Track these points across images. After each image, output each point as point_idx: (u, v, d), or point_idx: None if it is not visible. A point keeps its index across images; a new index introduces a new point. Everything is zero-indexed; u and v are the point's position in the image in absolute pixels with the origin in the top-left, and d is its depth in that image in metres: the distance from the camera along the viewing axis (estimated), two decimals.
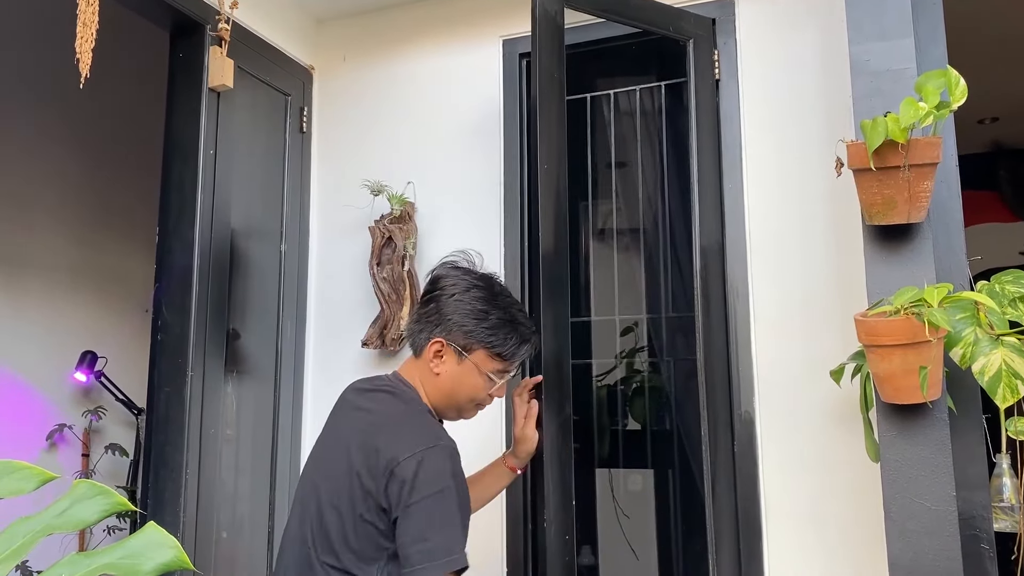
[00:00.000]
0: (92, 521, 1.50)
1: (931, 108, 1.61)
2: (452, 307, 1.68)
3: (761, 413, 2.28)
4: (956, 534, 1.70)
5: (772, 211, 2.36)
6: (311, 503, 1.66)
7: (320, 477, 1.68)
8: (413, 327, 1.76)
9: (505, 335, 1.71)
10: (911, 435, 1.73)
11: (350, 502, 1.58)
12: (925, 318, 1.58)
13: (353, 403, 1.77)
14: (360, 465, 1.58)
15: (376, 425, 1.66)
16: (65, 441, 3.94)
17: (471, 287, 1.71)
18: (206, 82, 2.45)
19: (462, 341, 1.68)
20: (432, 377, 1.71)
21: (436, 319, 1.70)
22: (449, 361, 1.69)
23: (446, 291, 1.71)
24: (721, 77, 2.46)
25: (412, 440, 1.57)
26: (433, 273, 1.79)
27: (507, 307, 1.73)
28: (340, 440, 1.68)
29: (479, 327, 1.69)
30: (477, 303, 1.69)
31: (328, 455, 1.69)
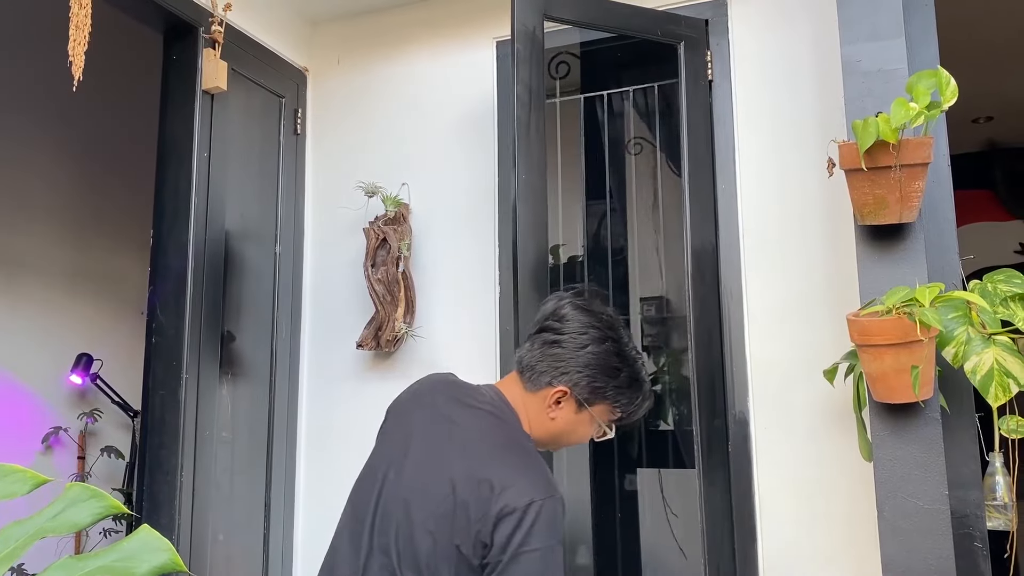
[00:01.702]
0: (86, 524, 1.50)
1: (922, 108, 1.62)
2: (584, 359, 1.60)
3: (755, 413, 2.28)
4: (949, 533, 1.70)
5: (766, 212, 2.37)
6: (397, 518, 1.56)
7: (412, 494, 1.56)
8: (532, 358, 1.64)
9: (632, 394, 1.65)
10: (904, 434, 1.74)
11: (450, 532, 1.50)
12: (917, 318, 1.59)
13: (448, 415, 1.64)
14: (468, 496, 1.50)
15: (487, 456, 1.56)
16: (61, 444, 3.93)
17: (604, 339, 1.62)
18: (200, 84, 2.45)
19: (587, 395, 1.61)
20: (546, 419, 1.64)
21: (563, 367, 1.60)
22: (567, 409, 1.63)
23: (575, 338, 1.61)
24: (714, 78, 2.46)
25: (532, 486, 1.50)
26: (554, 307, 1.67)
27: (634, 362, 1.66)
28: (440, 461, 1.57)
29: (609, 384, 1.62)
30: (611, 359, 1.62)
31: (424, 475, 1.57)
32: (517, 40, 2.22)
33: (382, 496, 1.59)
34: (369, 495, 1.62)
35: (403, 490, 1.57)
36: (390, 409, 1.77)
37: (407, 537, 1.53)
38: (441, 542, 1.50)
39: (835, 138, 1.79)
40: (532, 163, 2.19)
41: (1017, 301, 1.72)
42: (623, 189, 2.75)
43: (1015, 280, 1.83)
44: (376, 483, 1.62)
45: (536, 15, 2.26)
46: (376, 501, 1.59)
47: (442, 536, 1.50)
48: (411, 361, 2.70)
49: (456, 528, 1.49)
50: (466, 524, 1.48)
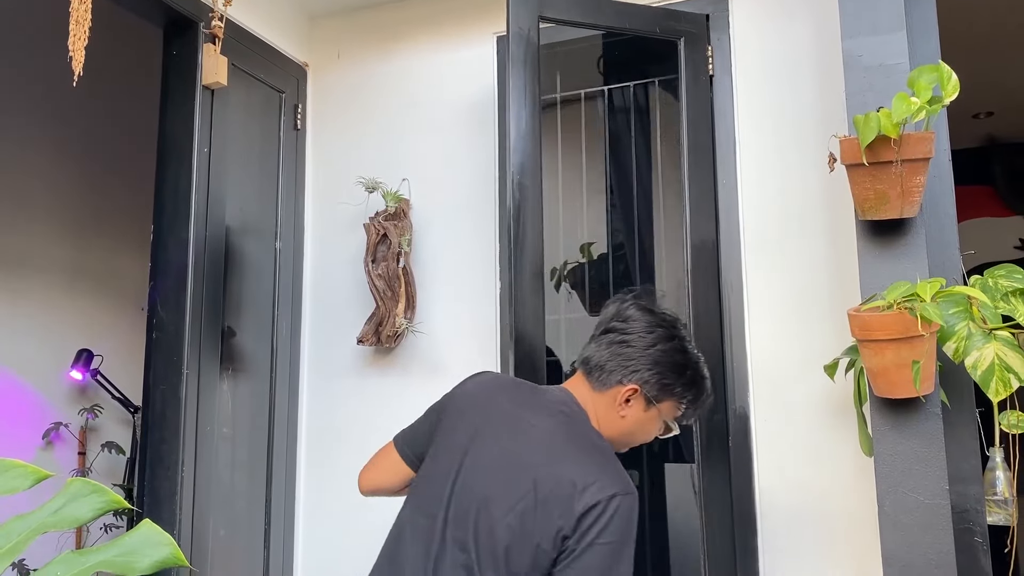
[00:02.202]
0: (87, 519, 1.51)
1: (923, 103, 1.62)
2: (652, 357, 1.64)
3: (755, 408, 2.28)
4: (949, 527, 1.70)
5: (766, 207, 2.37)
6: (475, 515, 1.57)
7: (491, 492, 1.58)
8: (600, 358, 1.68)
9: (696, 391, 1.70)
10: (904, 429, 1.74)
11: (531, 529, 1.53)
12: (918, 312, 1.59)
13: (522, 416, 1.67)
14: (550, 494, 1.53)
15: (567, 455, 1.60)
16: (62, 439, 3.93)
17: (671, 337, 1.67)
18: (200, 80, 2.44)
19: (656, 392, 1.66)
20: (616, 418, 1.68)
21: (633, 365, 1.65)
22: (636, 407, 1.67)
23: (643, 337, 1.66)
24: (715, 73, 2.46)
25: (613, 482, 1.54)
26: (618, 309, 1.72)
27: (697, 360, 1.72)
28: (519, 460, 1.60)
29: (677, 382, 1.66)
30: (677, 356, 1.67)
31: (503, 473, 1.59)
32: (512, 42, 2.24)
33: (455, 493, 1.61)
34: (440, 491, 1.63)
35: (481, 487, 1.59)
36: (445, 407, 1.77)
37: (487, 533, 1.55)
38: (522, 539, 1.53)
39: (836, 133, 1.79)
40: (527, 165, 2.21)
41: (1018, 296, 1.72)
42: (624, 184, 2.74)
43: (1016, 275, 1.83)
44: (447, 480, 1.63)
45: (531, 16, 2.28)
46: (448, 497, 1.61)
47: (523, 533, 1.53)
48: (412, 357, 2.70)
49: (537, 525, 1.52)
50: (547, 521, 1.51)
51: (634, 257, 2.70)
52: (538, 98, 2.28)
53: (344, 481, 2.75)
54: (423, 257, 2.72)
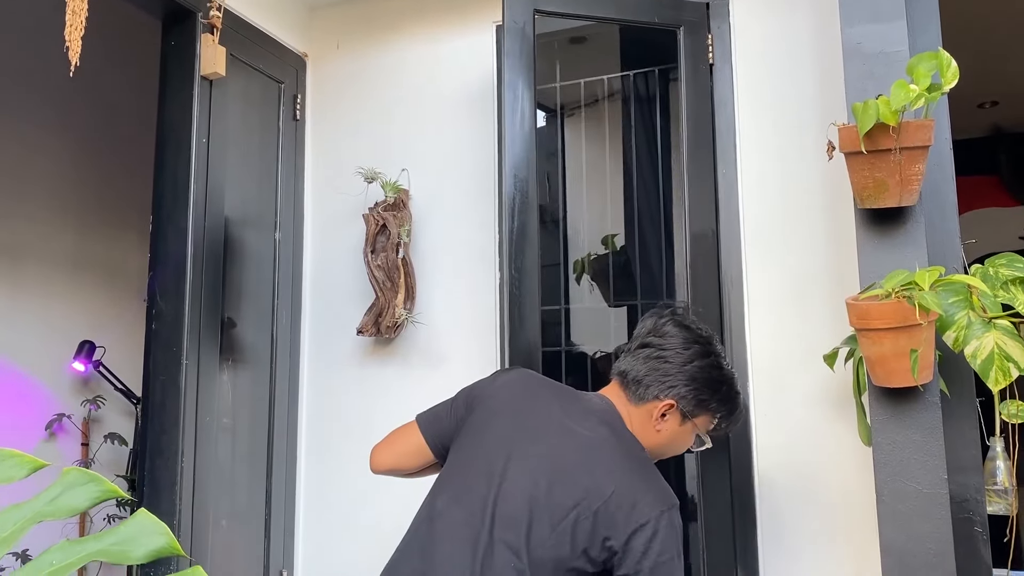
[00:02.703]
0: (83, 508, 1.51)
1: (922, 90, 1.61)
2: (690, 373, 1.66)
3: (755, 398, 2.28)
4: (948, 517, 1.70)
5: (767, 196, 2.36)
6: (527, 519, 1.58)
7: (541, 497, 1.58)
8: (638, 372, 1.69)
9: (731, 406, 1.73)
10: (903, 418, 1.73)
11: (581, 538, 1.55)
12: (916, 301, 1.58)
13: (566, 422, 1.67)
14: (600, 506, 1.55)
15: (616, 468, 1.61)
16: (64, 430, 3.95)
17: (707, 354, 1.69)
18: (198, 70, 2.44)
19: (692, 407, 1.68)
20: (651, 431, 1.70)
21: (670, 380, 1.67)
22: (672, 422, 1.69)
23: (680, 353, 1.68)
24: (715, 62, 2.45)
25: (660, 497, 1.57)
26: (655, 324, 1.73)
27: (732, 376, 1.74)
28: (569, 469, 1.60)
29: (713, 397, 1.69)
30: (714, 372, 1.69)
31: (553, 479, 1.59)
32: (507, 36, 2.25)
33: (502, 493, 1.61)
34: (482, 489, 1.63)
35: (530, 490, 1.60)
36: (477, 401, 1.76)
37: (539, 539, 1.56)
38: (570, 544, 1.55)
39: (835, 121, 1.78)
40: (522, 160, 2.22)
41: (1018, 284, 1.71)
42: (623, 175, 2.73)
43: (1017, 264, 1.82)
44: (491, 478, 1.63)
45: (526, 10, 2.28)
46: (495, 497, 1.61)
47: (572, 537, 1.55)
48: (411, 347, 2.70)
49: (586, 534, 1.54)
50: (594, 531, 1.54)
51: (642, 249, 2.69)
52: (533, 94, 2.29)
53: (345, 471, 2.76)
54: (423, 247, 2.72)
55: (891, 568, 1.71)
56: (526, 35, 2.27)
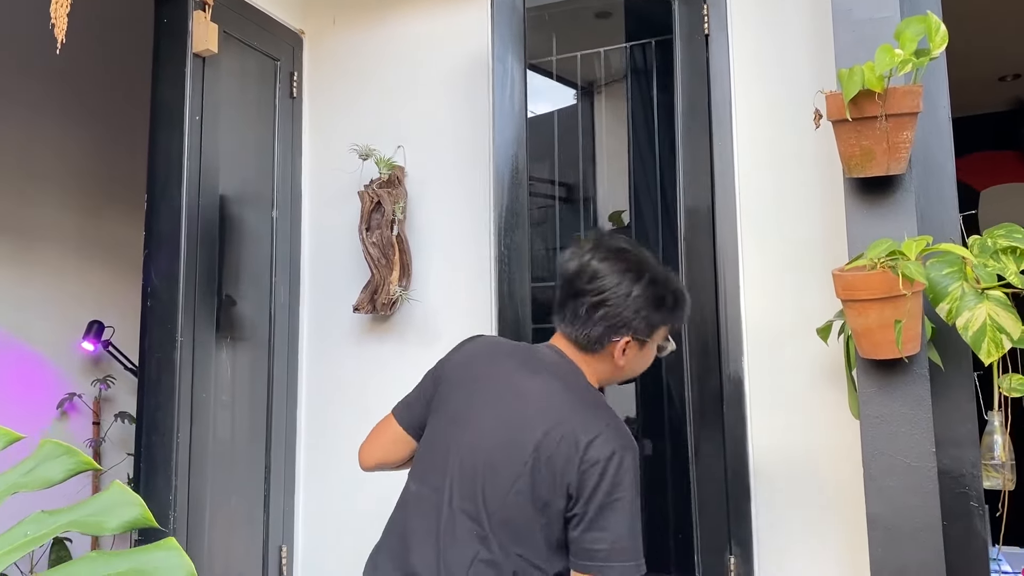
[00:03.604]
0: (58, 480, 1.52)
1: (908, 55, 1.57)
2: (633, 305, 1.64)
3: (750, 372, 2.25)
4: (935, 490, 1.68)
5: (763, 167, 2.32)
6: (482, 482, 1.60)
7: (494, 457, 1.60)
8: (585, 331, 1.66)
9: (679, 310, 1.73)
10: (891, 391, 1.71)
11: (539, 488, 1.56)
12: (899, 271, 1.55)
13: (518, 380, 1.68)
14: (553, 451, 1.56)
15: (566, 413, 1.61)
16: (76, 409, 4.00)
17: (640, 276, 1.66)
18: (190, 48, 2.44)
19: (646, 332, 1.68)
20: (614, 367, 1.70)
21: (618, 321, 1.64)
22: (632, 351, 1.69)
23: (616, 290, 1.64)
24: (711, 32, 2.41)
25: (613, 437, 1.57)
26: (579, 266, 1.69)
27: (669, 281, 1.71)
28: (519, 423, 1.61)
29: (662, 312, 1.68)
30: (655, 290, 1.66)
31: (504, 437, 1.61)
32: (496, 12, 2.23)
33: (460, 463, 1.62)
34: (442, 462, 1.65)
35: (483, 454, 1.61)
36: (441, 375, 1.78)
37: (497, 499, 1.58)
38: (531, 499, 1.56)
39: (822, 89, 1.74)
40: (513, 140, 2.20)
41: (1008, 254, 1.67)
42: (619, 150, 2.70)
43: (1016, 235, 1.77)
44: (449, 450, 1.65)
45: None
46: (451, 468, 1.63)
47: (531, 493, 1.56)
48: (408, 324, 2.70)
49: (544, 484, 1.56)
50: (552, 479, 1.55)
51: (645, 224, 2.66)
52: (524, 69, 2.29)
53: (344, 446, 2.77)
54: (418, 224, 2.71)
55: (878, 542, 1.69)
56: (516, 9, 2.24)
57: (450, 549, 1.59)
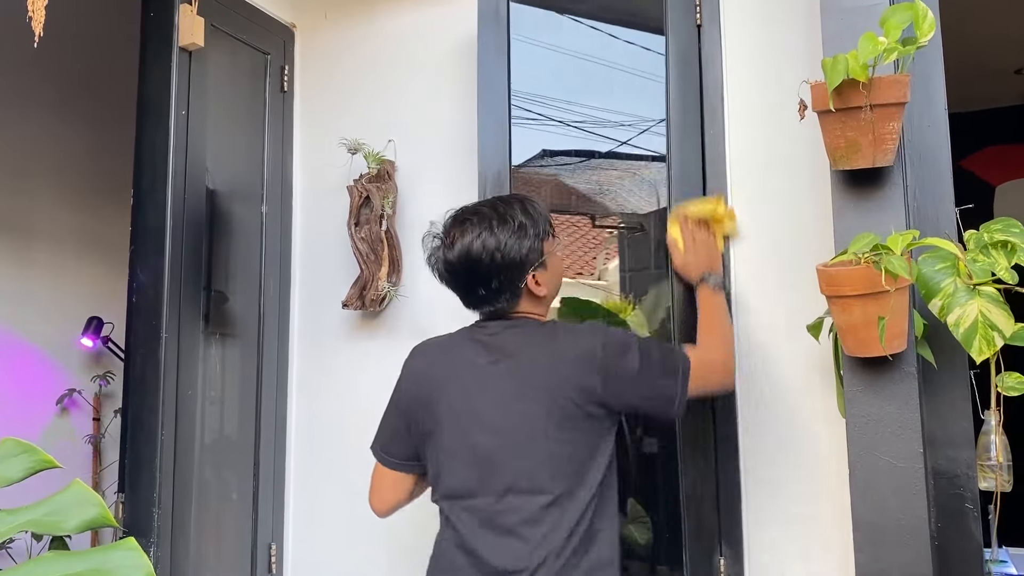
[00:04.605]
0: (17, 478, 1.50)
1: (892, 43, 1.52)
2: (504, 250, 1.73)
3: (740, 371, 2.19)
4: (923, 492, 1.63)
5: (755, 160, 2.27)
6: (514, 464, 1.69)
7: (509, 435, 1.70)
8: (495, 295, 1.78)
9: (536, 218, 1.80)
10: (877, 390, 1.66)
11: (565, 420, 1.67)
12: (883, 266, 1.50)
13: (483, 367, 1.77)
14: (560, 384, 1.68)
15: (547, 347, 1.74)
16: (77, 406, 4.01)
17: (491, 229, 1.75)
18: (176, 41, 2.42)
19: (534, 255, 1.77)
20: (541, 297, 1.82)
21: (510, 274, 1.75)
22: (542, 276, 1.80)
23: (483, 253, 1.74)
24: (703, 22, 2.36)
25: (587, 328, 1.82)
26: (448, 260, 1.80)
27: (507, 208, 1.79)
28: (515, 394, 1.72)
29: (528, 237, 1.76)
30: (506, 227, 1.75)
31: (514, 418, 1.71)
32: (480, 23, 2.28)
33: (488, 455, 1.71)
34: (468, 475, 1.73)
35: (506, 435, 1.70)
36: (410, 403, 1.85)
37: (539, 461, 1.67)
38: (573, 427, 1.68)
39: (808, 79, 1.70)
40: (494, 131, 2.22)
41: (999, 248, 1.61)
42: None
43: (1013, 229, 1.71)
44: (473, 452, 1.72)
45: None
46: (483, 464, 1.71)
47: (570, 432, 1.68)
48: (398, 320, 2.67)
49: (574, 411, 1.67)
50: (578, 405, 1.68)
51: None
52: (508, 66, 2.32)
53: (335, 443, 2.75)
54: (408, 220, 2.67)
55: (862, 544, 1.64)
56: (500, 16, 2.24)
57: (529, 530, 1.65)
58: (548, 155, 2.72)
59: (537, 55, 2.63)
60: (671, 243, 2.10)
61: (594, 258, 2.63)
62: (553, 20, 2.68)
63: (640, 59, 2.52)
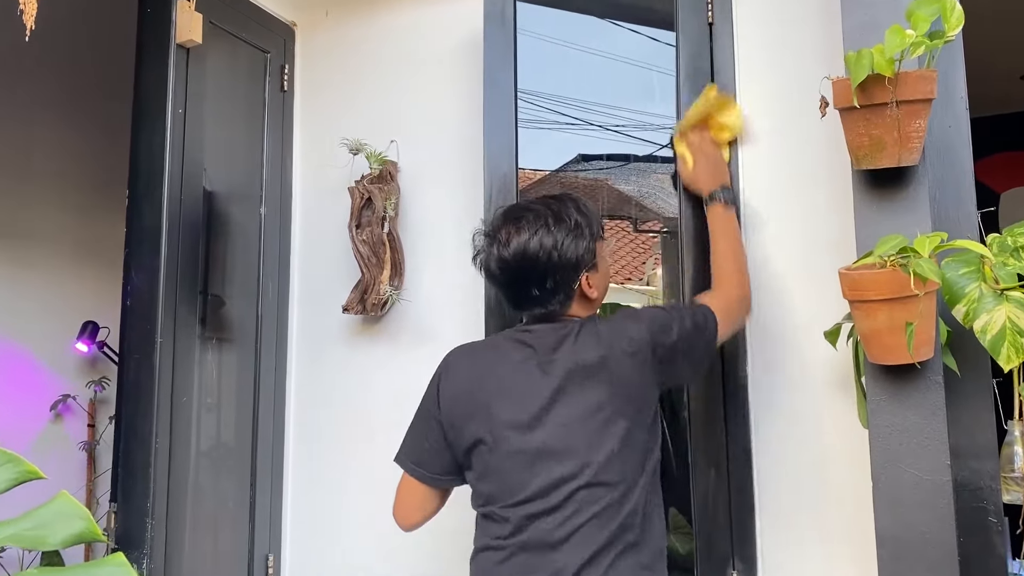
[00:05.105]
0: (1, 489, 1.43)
1: (920, 36, 1.45)
2: (568, 252, 1.70)
3: (753, 379, 2.13)
4: (951, 505, 1.56)
5: (768, 161, 2.20)
6: (579, 454, 1.62)
7: (573, 435, 1.63)
8: (549, 297, 1.72)
9: (589, 220, 1.76)
10: (902, 399, 1.59)
11: (631, 397, 1.65)
12: (911, 269, 1.43)
13: (533, 370, 1.69)
14: (618, 373, 1.64)
15: (595, 342, 1.68)
16: (71, 412, 3.93)
17: (548, 229, 1.70)
18: (173, 38, 2.35)
19: (591, 259, 1.74)
20: (592, 299, 1.78)
21: (565, 274, 1.70)
22: (594, 278, 1.76)
23: (539, 251, 1.68)
24: (715, 21, 2.29)
25: (626, 316, 1.77)
26: (502, 258, 1.72)
27: (561, 208, 1.74)
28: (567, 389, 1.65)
29: (583, 238, 1.72)
30: (563, 228, 1.71)
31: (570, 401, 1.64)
32: (486, 23, 2.27)
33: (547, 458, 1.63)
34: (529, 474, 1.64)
35: (562, 430, 1.63)
36: (446, 413, 1.74)
37: (608, 456, 1.60)
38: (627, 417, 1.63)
39: (829, 75, 1.63)
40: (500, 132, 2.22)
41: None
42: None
43: None
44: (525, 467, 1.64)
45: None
46: (551, 464, 1.63)
47: (628, 411, 1.64)
48: (400, 325, 2.60)
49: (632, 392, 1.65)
50: (641, 387, 1.67)
51: None
52: (515, 87, 2.28)
53: (334, 451, 2.69)
54: (411, 222, 2.61)
55: (887, 561, 1.57)
56: (506, 18, 2.18)
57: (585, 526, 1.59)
58: (584, 159, 2.67)
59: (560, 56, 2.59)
60: (679, 159, 2.06)
61: (643, 263, 2.58)
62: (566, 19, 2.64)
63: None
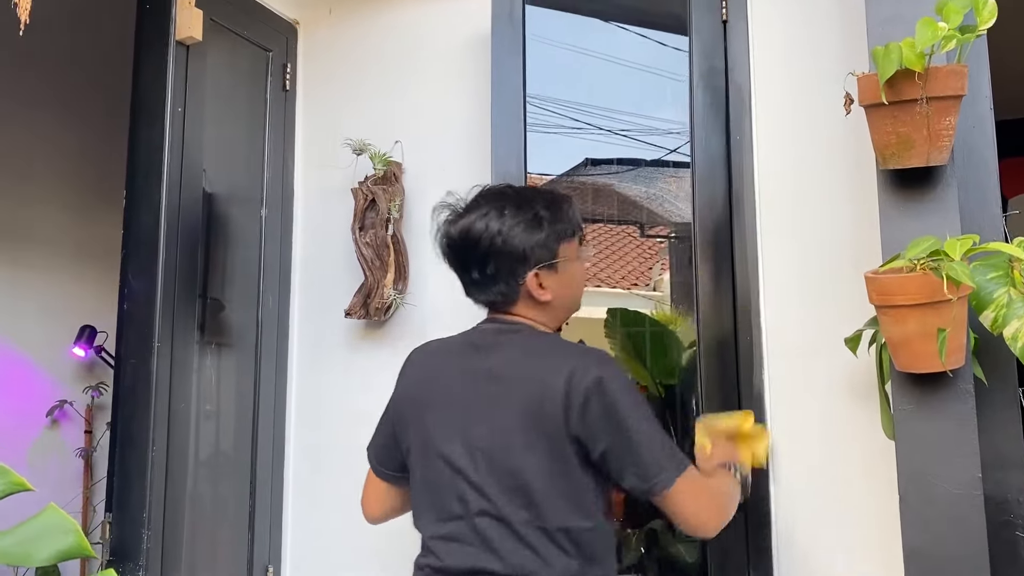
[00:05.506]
0: None
1: (952, 30, 1.39)
2: (511, 242, 1.57)
3: (771, 387, 2.07)
4: (982, 520, 1.49)
5: (784, 164, 2.14)
6: (498, 478, 1.52)
7: (494, 451, 1.53)
8: (488, 292, 1.64)
9: (560, 212, 1.64)
10: (931, 409, 1.53)
11: (548, 451, 1.49)
12: (944, 273, 1.37)
13: (470, 375, 1.62)
14: (542, 408, 1.49)
15: (534, 362, 1.56)
16: (68, 417, 3.87)
17: (501, 213, 1.59)
18: (173, 35, 2.29)
19: (546, 255, 1.60)
20: (545, 304, 1.63)
21: (509, 265, 1.59)
22: (549, 280, 1.62)
23: (487, 238, 1.58)
24: (729, 18, 2.23)
25: (582, 361, 1.52)
26: (445, 240, 1.66)
27: (532, 196, 1.65)
28: (501, 407, 1.55)
29: (541, 231, 1.60)
30: (521, 216, 1.59)
31: (494, 428, 1.54)
32: (494, 23, 2.23)
33: (466, 479, 1.55)
34: (448, 484, 1.57)
35: (481, 453, 1.54)
36: (398, 410, 1.72)
37: (514, 488, 1.49)
38: (548, 468, 1.49)
39: (853, 70, 1.57)
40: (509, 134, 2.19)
41: None
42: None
43: None
44: (450, 472, 1.57)
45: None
46: (462, 484, 1.55)
47: (544, 460, 1.49)
48: (405, 330, 2.53)
49: (551, 445, 1.49)
50: (555, 431, 1.48)
51: None
52: (524, 90, 2.23)
53: (336, 460, 2.61)
54: (416, 224, 2.54)
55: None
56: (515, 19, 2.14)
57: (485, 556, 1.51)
58: (592, 164, 2.61)
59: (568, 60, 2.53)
60: (699, 449, 1.81)
61: (649, 268, 2.51)
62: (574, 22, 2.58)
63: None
